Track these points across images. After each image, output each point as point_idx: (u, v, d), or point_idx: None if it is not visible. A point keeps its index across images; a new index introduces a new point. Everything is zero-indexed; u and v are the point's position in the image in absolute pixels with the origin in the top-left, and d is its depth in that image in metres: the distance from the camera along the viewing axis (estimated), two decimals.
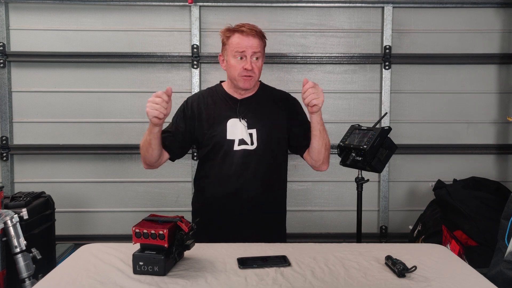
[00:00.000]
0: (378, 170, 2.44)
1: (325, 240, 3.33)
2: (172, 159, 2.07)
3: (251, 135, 1.97)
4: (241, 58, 1.93)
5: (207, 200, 2.03)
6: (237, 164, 1.95)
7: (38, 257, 2.23)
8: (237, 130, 1.97)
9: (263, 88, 2.12)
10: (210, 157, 2.01)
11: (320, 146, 1.95)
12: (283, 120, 2.04)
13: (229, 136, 1.97)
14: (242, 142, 1.97)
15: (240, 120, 1.98)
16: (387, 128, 2.43)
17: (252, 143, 1.97)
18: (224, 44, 2.01)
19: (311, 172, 3.42)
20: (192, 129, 2.03)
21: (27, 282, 2.15)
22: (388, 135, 2.43)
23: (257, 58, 1.95)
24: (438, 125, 3.45)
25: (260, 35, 1.97)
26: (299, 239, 3.27)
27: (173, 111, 2.07)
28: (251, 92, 2.05)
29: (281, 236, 2.11)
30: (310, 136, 1.98)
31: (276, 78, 3.34)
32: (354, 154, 2.35)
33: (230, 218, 1.97)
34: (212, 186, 2.01)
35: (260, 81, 2.11)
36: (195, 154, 3.38)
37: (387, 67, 3.36)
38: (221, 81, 2.16)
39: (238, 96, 2.04)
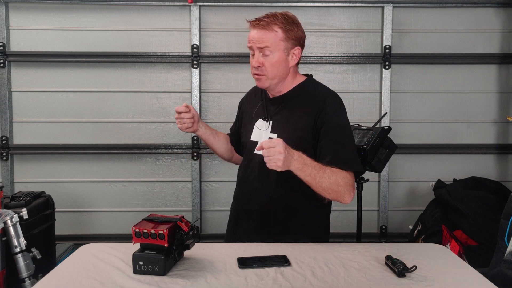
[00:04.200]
0: (378, 170, 2.44)
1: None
2: (241, 155, 2.00)
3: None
4: (254, 54, 1.73)
5: (234, 199, 1.96)
6: (254, 169, 1.80)
7: (38, 257, 2.23)
8: (262, 132, 1.80)
9: (305, 85, 1.81)
10: (242, 157, 1.95)
11: (316, 191, 1.63)
12: (309, 127, 1.71)
13: (253, 137, 1.83)
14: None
15: (265, 121, 1.81)
16: (387, 128, 2.43)
17: None
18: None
19: None
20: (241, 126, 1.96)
21: (27, 282, 2.15)
22: (388, 135, 2.43)
23: (267, 53, 1.69)
24: (438, 125, 3.45)
25: (275, 26, 1.68)
26: None
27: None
28: (283, 91, 1.80)
29: (310, 239, 1.76)
30: (321, 155, 1.68)
31: None
32: None
33: (251, 218, 1.83)
34: (237, 186, 1.93)
35: (309, 75, 1.86)
36: (195, 154, 3.38)
37: (387, 67, 3.36)
38: None
39: (270, 94, 1.84)
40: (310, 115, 1.72)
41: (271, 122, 1.80)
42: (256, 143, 1.80)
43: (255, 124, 1.84)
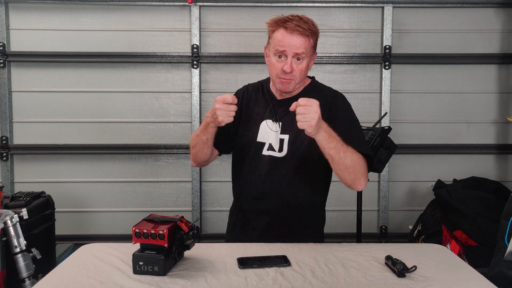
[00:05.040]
0: (378, 170, 2.45)
1: (325, 240, 3.33)
2: (221, 153, 1.93)
3: (282, 141, 1.76)
4: (281, 57, 1.70)
5: (238, 202, 1.92)
6: (262, 170, 1.78)
7: (38, 257, 2.23)
8: (270, 134, 1.78)
9: (311, 87, 1.85)
10: (240, 157, 1.87)
11: (337, 170, 1.63)
12: None
13: (259, 139, 1.80)
14: (271, 147, 1.78)
15: (273, 122, 1.79)
16: (387, 128, 2.43)
17: (280, 150, 1.76)
18: (269, 37, 1.77)
19: None
20: (237, 123, 1.85)
21: (27, 282, 2.15)
22: (388, 135, 2.44)
23: (299, 59, 1.70)
24: (438, 125, 3.45)
25: (309, 33, 1.70)
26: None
27: None
28: (293, 93, 1.80)
29: (314, 239, 1.82)
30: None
31: None
32: None
33: (259, 220, 1.82)
34: (240, 188, 1.89)
35: (312, 77, 1.90)
36: None
37: (387, 67, 3.36)
38: None
39: (278, 96, 1.83)
40: (322, 115, 1.71)
41: (280, 123, 1.78)
42: (263, 144, 1.78)
43: (260, 124, 1.81)
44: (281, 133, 1.78)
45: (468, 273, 1.46)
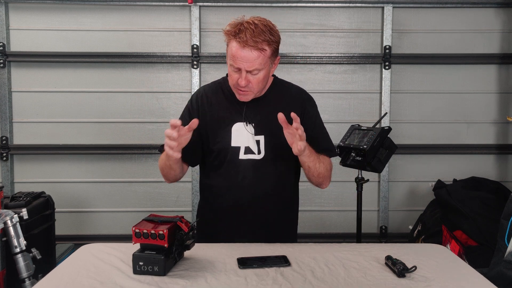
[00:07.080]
0: (378, 170, 2.44)
1: (325, 240, 3.33)
2: (192, 166, 1.93)
3: (258, 142, 1.74)
4: (237, 70, 1.65)
5: (214, 211, 1.85)
6: (243, 175, 1.74)
7: (38, 257, 2.23)
8: (243, 137, 1.74)
9: (276, 85, 1.82)
10: (214, 165, 1.81)
11: (310, 176, 1.74)
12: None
13: (233, 143, 1.74)
14: (248, 150, 1.74)
15: (246, 125, 1.74)
16: (387, 128, 2.43)
17: (259, 152, 1.73)
18: (226, 44, 1.69)
19: None
20: (199, 131, 1.74)
21: (27, 282, 2.15)
22: (388, 135, 2.44)
23: (253, 73, 1.64)
24: (438, 125, 3.45)
25: (264, 44, 1.61)
26: (299, 239, 3.27)
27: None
28: (259, 93, 1.76)
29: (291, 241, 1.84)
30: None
31: None
32: (354, 154, 2.35)
33: (239, 229, 1.79)
34: (217, 196, 1.82)
35: (274, 75, 1.84)
36: None
37: (387, 67, 3.36)
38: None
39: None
40: (294, 111, 1.65)
41: (253, 124, 1.75)
42: (238, 148, 1.74)
43: (231, 129, 1.75)
44: (255, 134, 1.74)
45: (468, 273, 1.46)
